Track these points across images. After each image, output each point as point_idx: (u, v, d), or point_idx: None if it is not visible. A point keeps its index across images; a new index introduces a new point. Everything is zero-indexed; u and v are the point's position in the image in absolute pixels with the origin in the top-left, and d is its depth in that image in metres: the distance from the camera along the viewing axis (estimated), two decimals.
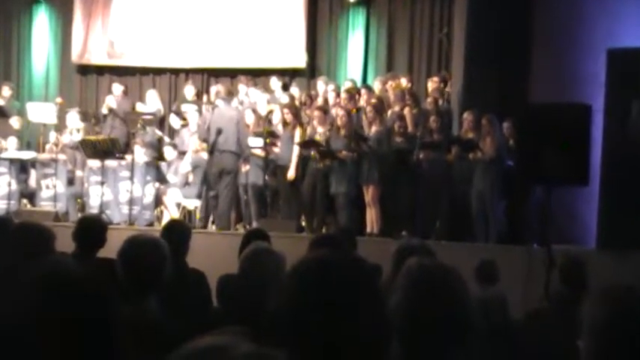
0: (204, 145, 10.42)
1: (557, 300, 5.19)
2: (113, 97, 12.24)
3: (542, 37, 9.79)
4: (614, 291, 1.50)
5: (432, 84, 10.68)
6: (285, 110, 10.54)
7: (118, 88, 12.50)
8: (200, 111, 11.46)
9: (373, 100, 10.13)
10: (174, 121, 11.98)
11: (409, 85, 10.93)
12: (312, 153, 9.96)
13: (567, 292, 5.15)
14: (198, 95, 12.57)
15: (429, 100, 10.17)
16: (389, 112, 10.26)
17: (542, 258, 6.75)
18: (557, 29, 9.58)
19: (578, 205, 8.82)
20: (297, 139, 10.16)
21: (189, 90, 12.33)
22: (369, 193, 9.54)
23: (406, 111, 10.08)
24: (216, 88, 11.50)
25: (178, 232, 4.74)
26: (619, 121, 8.39)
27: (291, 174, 10.10)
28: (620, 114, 8.37)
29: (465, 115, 9.47)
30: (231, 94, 11.06)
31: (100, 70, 13.83)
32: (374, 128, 9.71)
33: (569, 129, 7.08)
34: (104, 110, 12.20)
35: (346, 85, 11.55)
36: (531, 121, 7.38)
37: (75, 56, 13.72)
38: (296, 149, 10.11)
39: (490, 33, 9.93)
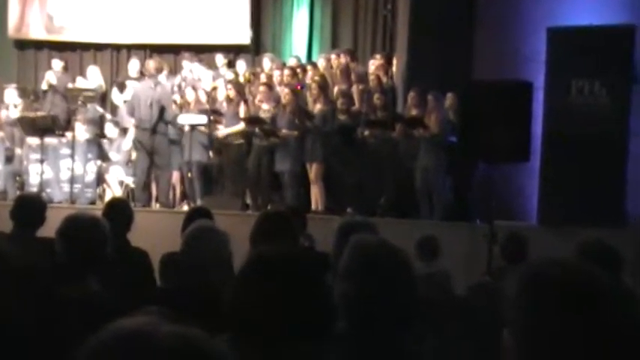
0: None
1: (499, 275, 5.28)
2: (53, 73, 11.94)
3: (485, 15, 9.88)
4: (535, 266, 1.51)
5: (375, 61, 10.69)
6: (229, 86, 10.48)
7: (57, 63, 12.20)
8: None
9: (317, 78, 10.11)
10: (116, 97, 11.77)
11: (354, 62, 10.92)
12: (257, 130, 9.92)
13: (508, 267, 5.23)
14: (142, 72, 12.34)
15: (372, 77, 10.18)
16: (335, 90, 10.25)
17: (485, 234, 6.85)
18: (499, 7, 9.66)
19: (520, 181, 8.96)
20: (242, 115, 10.11)
21: (133, 65, 12.07)
22: (312, 171, 9.54)
23: (354, 88, 10.09)
24: (146, 64, 11.24)
25: (120, 210, 4.67)
26: (559, 98, 8.54)
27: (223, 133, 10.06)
28: (561, 92, 8.52)
29: (410, 92, 9.51)
30: (160, 70, 10.91)
31: (39, 45, 13.47)
32: (318, 106, 9.70)
33: (511, 106, 7.19)
34: (43, 86, 11.90)
35: (291, 62, 11.49)
36: (474, 98, 7.46)
37: (11, 30, 13.33)
38: (241, 126, 10.06)
39: (434, 10, 9.98)
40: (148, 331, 1.02)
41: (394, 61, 10.90)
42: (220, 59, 11.96)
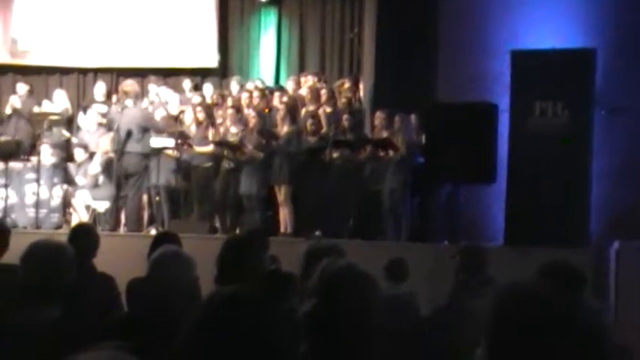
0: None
1: (462, 292, 5.28)
2: (17, 97, 11.85)
3: (449, 38, 10.00)
4: (507, 289, 1.56)
5: (342, 84, 10.76)
6: (198, 109, 10.47)
7: (22, 87, 12.11)
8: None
9: (285, 100, 10.15)
10: (82, 120, 11.69)
11: (322, 84, 10.99)
12: (225, 152, 9.91)
13: (471, 283, 5.24)
14: (108, 95, 12.28)
15: (342, 100, 10.24)
16: (302, 111, 10.29)
17: (452, 255, 6.88)
18: (463, 30, 9.79)
19: (486, 202, 9.03)
20: (210, 138, 10.10)
21: (99, 89, 12.01)
22: (281, 193, 9.54)
23: (320, 110, 10.13)
24: (125, 86, 11.23)
25: (85, 235, 4.65)
26: (523, 120, 8.64)
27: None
28: (524, 113, 8.62)
29: (377, 114, 9.57)
30: (138, 94, 10.91)
31: (3, 69, 13.34)
32: (285, 128, 9.72)
33: (476, 128, 7.28)
34: (7, 110, 11.79)
35: (258, 84, 11.52)
36: (439, 119, 7.54)
37: None
38: (210, 148, 10.06)
39: (399, 33, 10.10)
40: None
41: (360, 84, 10.98)
42: (187, 83, 11.95)
